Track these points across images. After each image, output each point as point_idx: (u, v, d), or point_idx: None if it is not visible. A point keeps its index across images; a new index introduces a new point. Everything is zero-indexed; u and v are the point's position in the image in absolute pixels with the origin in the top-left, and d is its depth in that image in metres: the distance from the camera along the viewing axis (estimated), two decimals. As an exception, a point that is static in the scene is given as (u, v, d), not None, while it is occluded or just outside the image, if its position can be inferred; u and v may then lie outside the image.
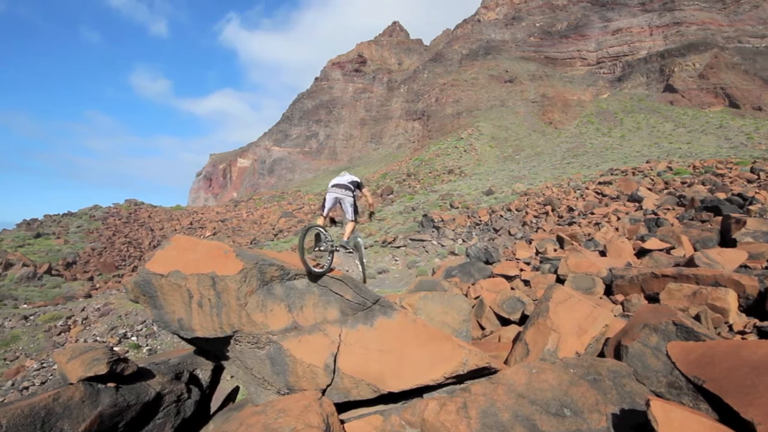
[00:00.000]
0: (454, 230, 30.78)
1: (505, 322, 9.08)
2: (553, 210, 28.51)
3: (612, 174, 37.08)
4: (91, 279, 36.03)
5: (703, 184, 25.88)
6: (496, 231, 29.08)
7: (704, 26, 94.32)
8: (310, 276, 5.00)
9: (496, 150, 76.57)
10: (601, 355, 5.02)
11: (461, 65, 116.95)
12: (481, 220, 31.29)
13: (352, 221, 5.58)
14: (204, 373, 5.67)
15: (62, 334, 16.92)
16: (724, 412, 3.17)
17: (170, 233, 54.74)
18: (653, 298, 8.26)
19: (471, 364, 4.38)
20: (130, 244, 49.53)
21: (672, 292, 7.65)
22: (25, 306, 21.30)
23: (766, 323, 6.32)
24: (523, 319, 8.64)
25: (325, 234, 5.44)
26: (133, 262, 43.88)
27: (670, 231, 14.28)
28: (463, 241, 29.27)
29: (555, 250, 16.76)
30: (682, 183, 27.78)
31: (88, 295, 26.11)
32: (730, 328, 6.55)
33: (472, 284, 12.98)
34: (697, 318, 6.63)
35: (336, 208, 5.66)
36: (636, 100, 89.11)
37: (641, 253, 12.65)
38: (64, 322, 17.59)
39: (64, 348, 5.73)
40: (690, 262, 9.58)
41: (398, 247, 29.76)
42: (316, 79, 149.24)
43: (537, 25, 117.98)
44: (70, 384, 4.28)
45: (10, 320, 17.33)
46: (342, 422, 4.19)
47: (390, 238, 30.84)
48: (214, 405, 6.09)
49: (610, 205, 25.88)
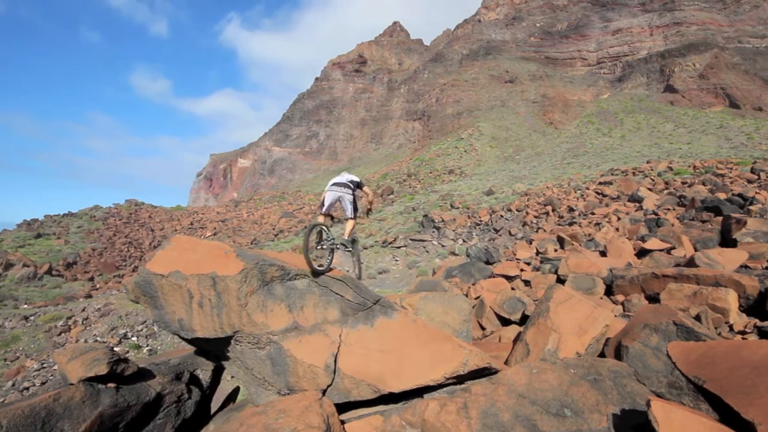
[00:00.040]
0: (454, 230, 30.77)
1: (505, 322, 9.08)
2: (553, 210, 28.51)
3: (612, 174, 37.07)
4: (91, 279, 36.04)
5: (704, 184, 25.88)
6: (497, 231, 29.08)
7: (704, 26, 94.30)
8: (314, 274, 4.99)
9: (497, 150, 76.56)
10: (602, 355, 5.01)
11: (462, 65, 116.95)
12: (481, 221, 31.28)
13: (352, 219, 5.63)
14: (204, 374, 5.67)
15: (62, 334, 16.92)
16: (724, 413, 3.17)
17: (171, 233, 54.76)
18: (654, 299, 8.26)
19: (471, 365, 4.38)
20: (131, 245, 49.55)
21: (672, 293, 7.66)
22: (25, 306, 21.31)
23: (766, 323, 6.32)
24: (524, 320, 8.63)
25: (327, 232, 5.48)
26: (134, 263, 43.90)
27: (670, 231, 14.28)
28: (464, 241, 29.26)
29: (555, 251, 16.76)
30: (683, 183, 27.78)
31: (89, 296, 26.11)
32: (731, 328, 6.55)
33: (473, 284, 12.98)
34: (698, 318, 6.63)
35: (336, 207, 5.70)
36: (636, 101, 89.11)
37: (642, 253, 12.65)
38: (64, 323, 17.60)
39: (64, 348, 5.73)
40: (690, 263, 9.58)
41: (399, 247, 29.76)
42: (317, 79, 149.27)
43: (537, 25, 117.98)
44: (71, 384, 4.28)
45: (10, 320, 17.34)
46: (342, 422, 4.19)
47: (390, 239, 30.83)
48: (214, 405, 6.09)
49: (611, 206, 25.88)
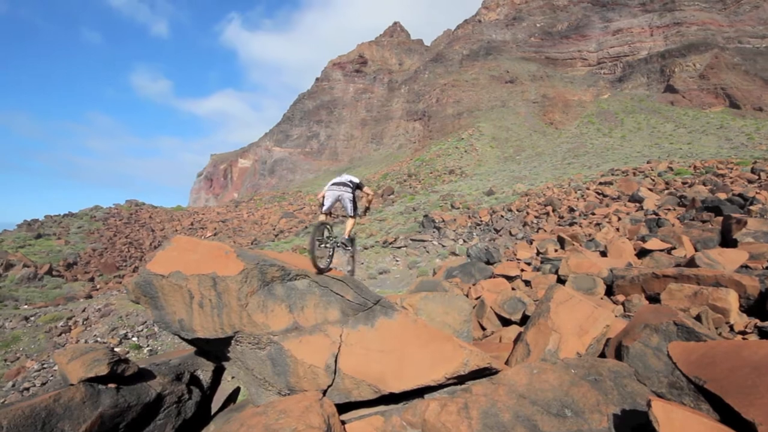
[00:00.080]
0: (455, 231, 30.77)
1: (506, 322, 9.07)
2: (553, 210, 28.51)
3: (613, 174, 37.06)
4: (91, 280, 36.04)
5: (704, 184, 25.87)
6: (497, 231, 29.07)
7: (704, 27, 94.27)
8: (318, 272, 5.08)
9: (497, 150, 76.55)
10: (602, 355, 5.01)
11: (462, 66, 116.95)
12: (481, 221, 31.27)
13: (353, 217, 5.71)
14: (205, 374, 5.67)
15: (63, 334, 16.92)
16: (725, 413, 3.17)
17: (171, 234, 54.77)
18: (654, 299, 8.25)
19: (472, 365, 4.37)
20: (131, 245, 49.55)
21: (673, 293, 7.65)
22: (25, 307, 21.30)
23: (767, 323, 6.31)
24: (524, 320, 8.63)
25: (330, 231, 5.59)
26: (134, 263, 43.90)
27: (671, 231, 14.27)
28: (464, 241, 29.25)
29: (556, 251, 16.75)
30: (683, 183, 27.77)
31: (89, 296, 26.11)
32: (731, 328, 6.54)
33: (473, 284, 12.97)
34: (698, 318, 6.63)
35: (336, 206, 5.78)
36: (636, 101, 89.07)
37: (642, 253, 12.64)
38: (64, 323, 17.60)
39: (64, 349, 5.73)
40: (691, 263, 9.57)
41: (399, 247, 29.75)
42: (317, 79, 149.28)
43: (537, 25, 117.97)
44: (71, 385, 4.28)
45: (10, 321, 17.35)
46: (343, 423, 4.18)
47: (391, 239, 30.83)
48: (214, 406, 6.08)
49: (611, 206, 25.87)
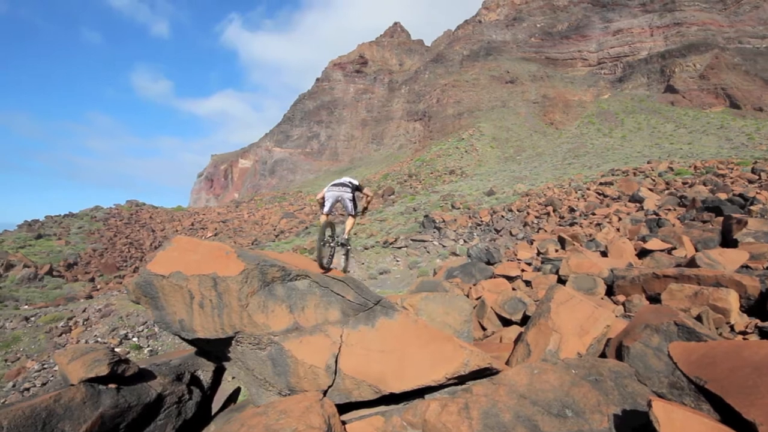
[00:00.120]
0: (455, 231, 30.76)
1: (506, 322, 9.06)
2: (554, 210, 28.50)
3: (613, 174, 37.05)
4: (92, 280, 36.04)
5: (704, 184, 25.86)
6: (498, 231, 29.07)
7: (705, 27, 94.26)
8: (325, 272, 5.16)
9: (498, 150, 76.56)
10: (603, 355, 5.01)
11: (462, 66, 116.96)
12: (482, 221, 31.26)
13: (353, 216, 5.78)
14: (205, 375, 5.67)
15: (63, 335, 16.92)
16: (725, 413, 3.17)
17: (171, 234, 54.79)
18: (655, 299, 8.24)
19: (472, 365, 4.37)
20: (132, 245, 49.56)
21: (673, 293, 7.64)
22: (26, 307, 21.31)
23: (767, 324, 6.31)
24: (525, 320, 8.62)
25: (333, 231, 5.69)
26: (135, 263, 43.91)
27: (671, 231, 14.26)
28: (465, 241, 29.24)
29: (556, 251, 16.75)
30: (684, 183, 27.77)
31: (90, 296, 26.11)
32: (732, 328, 6.54)
33: (474, 285, 12.96)
34: (699, 318, 6.62)
35: (337, 207, 5.86)
36: (637, 101, 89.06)
37: (642, 253, 12.63)
38: (65, 323, 17.60)
39: (65, 349, 5.74)
40: (691, 263, 9.56)
41: (399, 247, 29.74)
42: (318, 79, 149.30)
43: (538, 25, 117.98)
44: (71, 385, 4.27)
45: (11, 321, 17.35)
46: (343, 423, 4.18)
47: (391, 239, 30.82)
48: (215, 406, 6.08)
49: (612, 206, 25.86)
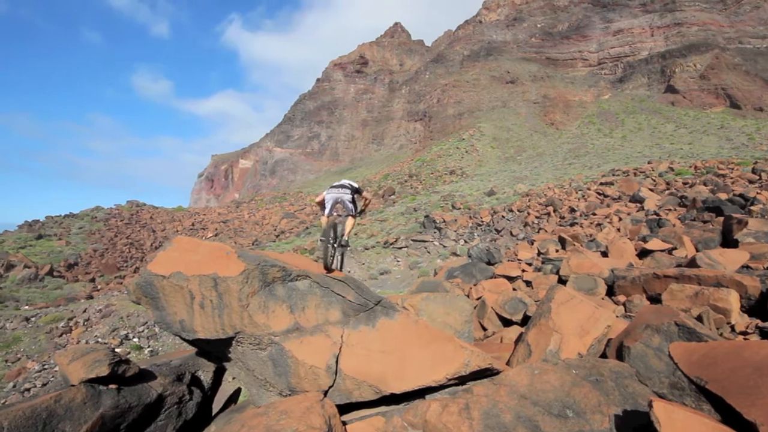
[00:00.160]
0: (455, 231, 30.75)
1: (507, 323, 9.05)
2: (554, 211, 28.49)
3: (613, 175, 37.04)
4: (92, 280, 36.06)
5: (705, 184, 25.84)
6: (498, 232, 29.06)
7: (705, 27, 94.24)
8: (328, 271, 5.21)
9: (498, 151, 76.56)
10: (603, 356, 5.00)
11: (463, 66, 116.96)
12: (482, 221, 31.26)
13: (353, 217, 5.85)
14: (206, 375, 5.66)
15: (64, 335, 16.92)
16: (726, 413, 3.17)
17: (172, 234, 54.81)
18: (655, 299, 8.23)
19: (473, 365, 4.37)
20: (132, 246, 49.58)
21: (674, 293, 7.63)
22: (26, 307, 21.32)
23: (768, 324, 6.30)
24: (525, 320, 8.61)
25: (335, 232, 5.75)
26: (135, 264, 43.92)
27: (671, 231, 14.25)
28: (465, 242, 29.24)
29: (557, 251, 16.73)
30: (684, 183, 27.75)
31: (90, 297, 26.12)
32: (732, 328, 6.53)
33: (474, 285, 12.95)
34: (699, 319, 6.61)
35: (337, 208, 5.92)
36: (637, 101, 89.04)
37: (643, 253, 12.61)
38: (65, 324, 17.60)
39: (65, 349, 5.74)
40: (692, 263, 9.54)
41: (400, 248, 29.74)
42: (318, 80, 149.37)
43: (538, 26, 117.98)
44: (72, 386, 4.27)
45: (11, 322, 17.36)
46: (344, 423, 4.18)
47: (392, 239, 30.81)
48: (215, 407, 6.08)
49: (612, 206, 25.84)
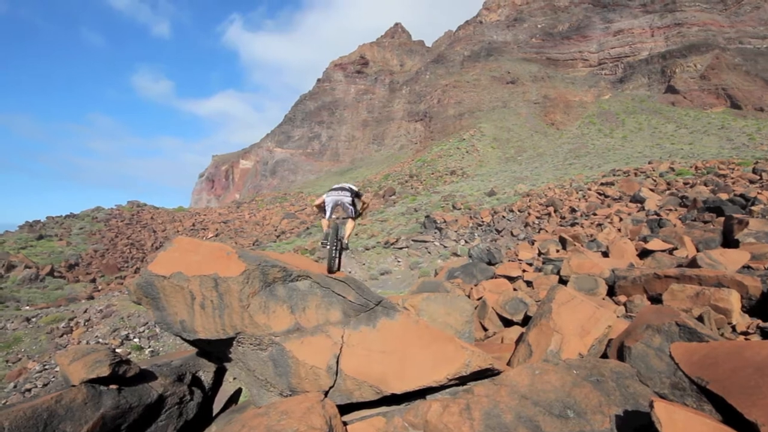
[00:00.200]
0: (456, 231, 30.75)
1: (507, 323, 9.05)
2: (555, 211, 28.49)
3: (614, 175, 37.03)
4: (93, 281, 36.10)
5: (706, 184, 25.83)
6: (499, 232, 29.06)
7: (705, 27, 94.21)
8: (331, 272, 5.25)
9: (498, 151, 76.57)
10: (604, 356, 5.00)
11: (463, 66, 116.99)
12: (483, 221, 31.25)
13: (353, 218, 5.91)
14: (206, 375, 5.66)
15: (64, 335, 16.94)
16: (727, 413, 3.16)
17: (173, 235, 54.83)
18: (656, 299, 8.22)
19: (474, 366, 4.37)
20: (133, 246, 49.62)
21: (675, 293, 7.62)
22: (27, 308, 21.34)
23: (769, 324, 6.29)
24: (526, 320, 8.61)
25: (336, 234, 5.79)
26: (136, 264, 43.96)
27: (672, 232, 14.24)
28: (466, 242, 29.23)
29: (557, 251, 16.72)
30: (685, 184, 27.74)
31: (91, 297, 26.14)
32: (733, 328, 6.52)
33: (475, 285, 12.94)
34: (700, 319, 6.60)
35: (337, 210, 5.96)
36: (638, 101, 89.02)
37: (644, 254, 12.61)
38: (66, 324, 17.62)
39: (66, 350, 5.74)
40: (693, 263, 9.53)
41: (401, 248, 29.74)
42: (318, 80, 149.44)
43: (539, 26, 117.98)
44: (73, 386, 4.27)
45: (12, 322, 17.38)
46: (345, 424, 4.18)
47: (392, 240, 30.82)
48: (216, 407, 6.08)
49: (613, 206, 25.84)
